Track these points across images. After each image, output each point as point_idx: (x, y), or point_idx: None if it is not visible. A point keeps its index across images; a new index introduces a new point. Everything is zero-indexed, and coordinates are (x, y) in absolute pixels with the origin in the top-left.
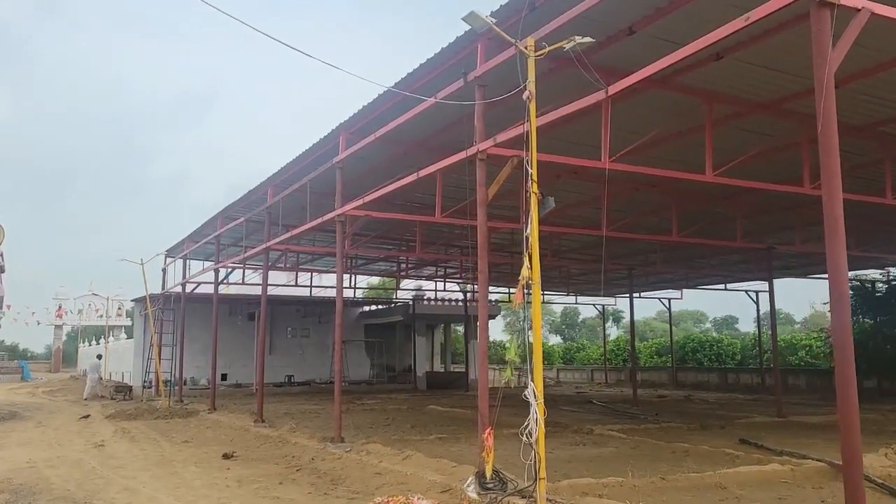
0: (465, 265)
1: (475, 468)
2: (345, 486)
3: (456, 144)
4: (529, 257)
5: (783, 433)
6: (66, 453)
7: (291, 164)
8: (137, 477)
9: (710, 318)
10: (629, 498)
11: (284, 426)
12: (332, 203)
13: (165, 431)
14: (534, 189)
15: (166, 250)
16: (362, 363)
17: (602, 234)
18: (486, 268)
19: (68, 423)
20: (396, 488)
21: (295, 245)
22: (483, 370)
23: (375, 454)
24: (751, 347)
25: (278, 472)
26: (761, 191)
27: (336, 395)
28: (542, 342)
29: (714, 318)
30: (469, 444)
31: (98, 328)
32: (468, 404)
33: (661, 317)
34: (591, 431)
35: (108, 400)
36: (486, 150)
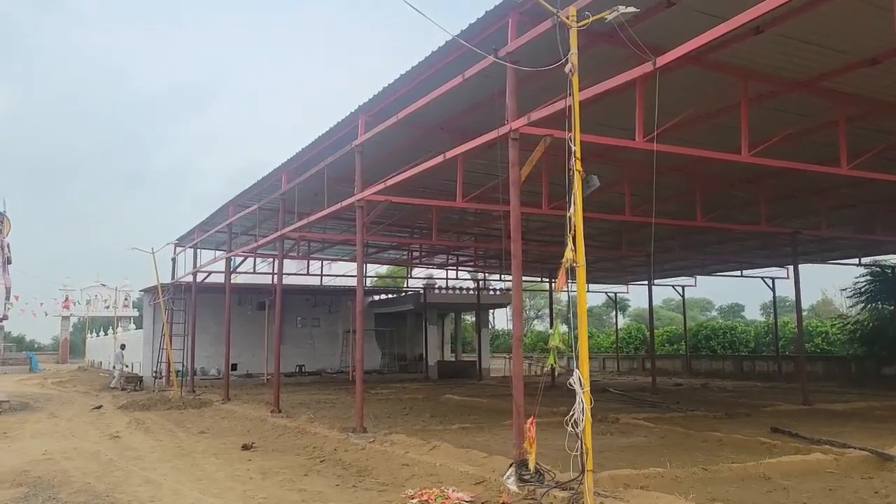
0: (479, 253)
1: (510, 459)
2: (372, 477)
3: (476, 127)
4: (573, 239)
5: (812, 421)
6: (81, 445)
7: (306, 149)
8: (157, 469)
9: (716, 306)
10: (671, 489)
11: (302, 416)
12: (346, 190)
13: (180, 422)
14: (577, 167)
15: (177, 239)
16: (373, 353)
17: (625, 218)
18: (520, 252)
19: (81, 413)
20: (427, 480)
21: (309, 232)
22: (518, 359)
23: (400, 445)
24: (764, 335)
25: (301, 463)
26: (787, 174)
27: (357, 384)
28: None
29: (720, 305)
30: (493, 434)
31: (105, 319)
32: (484, 393)
33: (667, 305)
34: (616, 420)
35: (118, 391)
36: (518, 129)
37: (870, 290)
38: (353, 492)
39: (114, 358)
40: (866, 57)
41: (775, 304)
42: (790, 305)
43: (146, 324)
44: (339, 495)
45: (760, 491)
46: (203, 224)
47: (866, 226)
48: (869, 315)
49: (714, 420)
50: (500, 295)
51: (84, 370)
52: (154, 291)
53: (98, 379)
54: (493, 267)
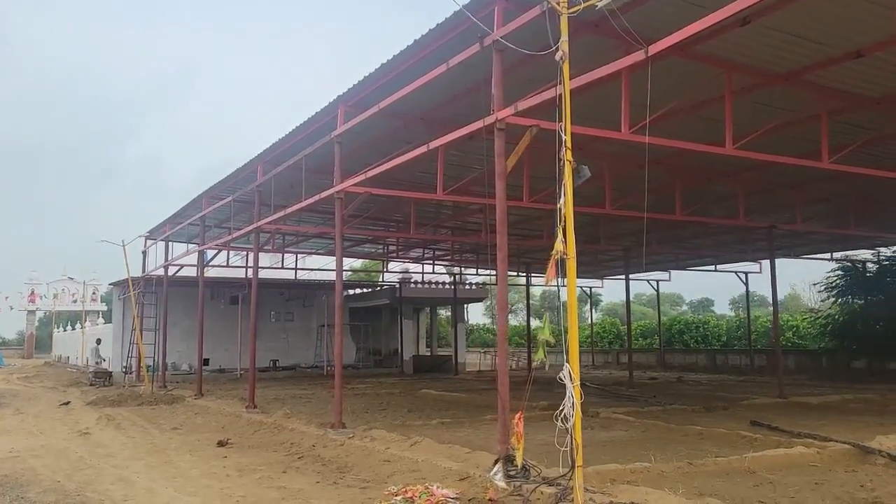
0: (455, 247)
1: (494, 455)
2: (353, 474)
3: (457, 118)
4: (563, 230)
5: (790, 414)
6: (50, 442)
7: (283, 140)
8: (130, 466)
9: (686, 301)
10: (658, 484)
11: (278, 412)
12: (323, 181)
13: (152, 418)
14: (568, 157)
15: (148, 231)
16: (347, 347)
17: (605, 211)
18: (506, 245)
19: (48, 410)
20: (409, 476)
21: (285, 225)
22: (502, 353)
23: (381, 440)
24: (735, 329)
25: (279, 459)
26: (765, 167)
27: (336, 379)
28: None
29: (691, 300)
30: (474, 428)
31: (72, 313)
32: (461, 388)
33: (637, 299)
34: (596, 415)
35: (86, 386)
36: (504, 119)
37: (841, 285)
38: (334, 489)
39: (90, 353)
40: (851, 50)
41: (748, 299)
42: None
43: (115, 318)
44: (319, 493)
45: (747, 485)
46: (175, 216)
47: (840, 220)
48: (840, 309)
49: (692, 414)
50: (475, 289)
51: (51, 365)
52: (124, 285)
53: (65, 374)
54: (470, 261)
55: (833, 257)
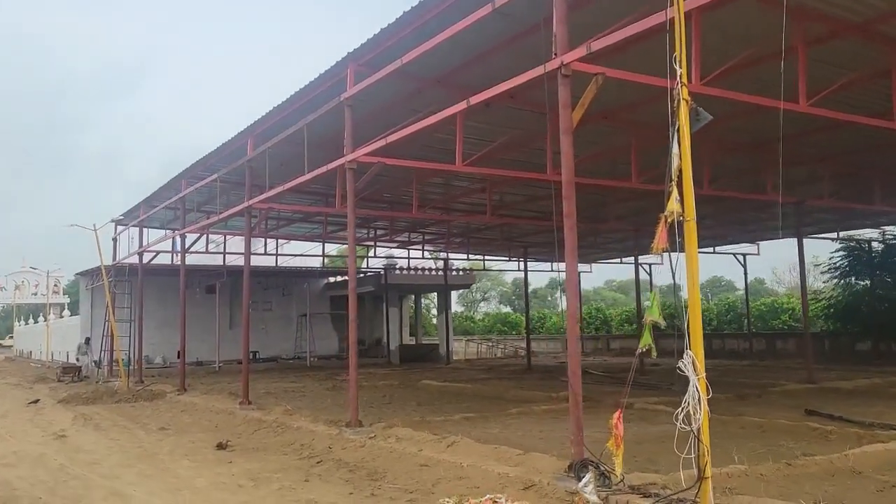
0: (453, 230)
1: (553, 457)
2: (389, 482)
3: (477, 82)
4: (679, 186)
5: (832, 401)
6: (22, 447)
7: (276, 110)
8: (121, 476)
9: (666, 285)
10: (765, 490)
11: (275, 408)
12: (323, 156)
13: (134, 417)
14: (684, 95)
15: (121, 215)
16: (329, 337)
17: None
18: (574, 212)
19: (16, 409)
20: (458, 485)
21: (280, 204)
22: (573, 339)
23: (409, 441)
24: (725, 313)
25: (294, 464)
26: (795, 139)
27: (351, 373)
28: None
29: (661, 286)
30: (503, 424)
31: (31, 306)
32: (460, 378)
33: (608, 285)
34: (631, 406)
35: (54, 382)
36: (570, 64)
37: (844, 266)
38: (374, 501)
39: (77, 351)
40: None
41: (746, 282)
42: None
43: (83, 309)
44: None
45: (867, 490)
46: (150, 199)
47: (864, 195)
48: (842, 291)
49: (729, 403)
50: (463, 275)
51: (11, 360)
52: (92, 274)
53: (30, 370)
54: (459, 246)
55: (839, 236)
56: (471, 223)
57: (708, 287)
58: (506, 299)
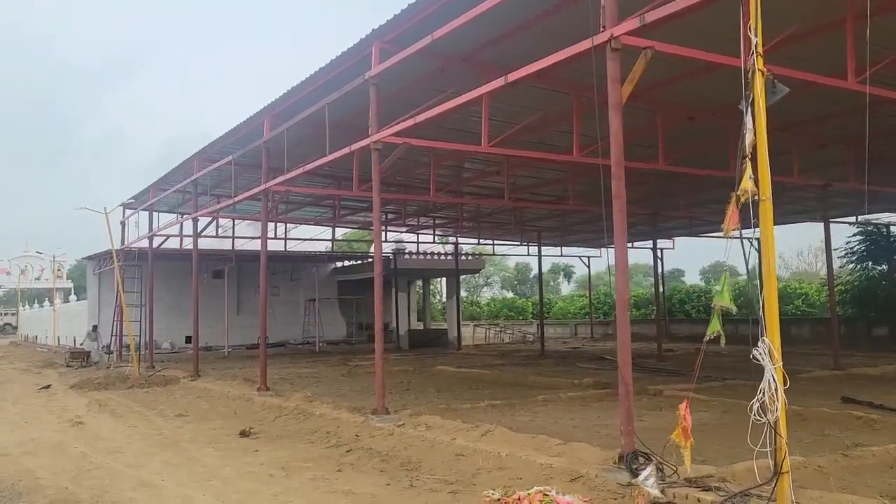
0: (464, 214)
1: (595, 446)
2: (426, 473)
3: (502, 60)
4: (753, 162)
5: (863, 388)
6: (40, 434)
7: (296, 89)
8: (146, 465)
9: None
10: (820, 482)
11: (294, 394)
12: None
13: (149, 403)
14: (759, 65)
15: (131, 198)
16: (337, 322)
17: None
18: (624, 193)
19: (27, 394)
20: (498, 475)
21: (298, 186)
22: (624, 323)
23: (439, 429)
24: (735, 298)
25: (323, 454)
26: (823, 121)
27: (377, 358)
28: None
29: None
30: (532, 412)
31: (34, 291)
32: (474, 363)
33: (610, 270)
34: (659, 393)
35: (63, 367)
36: (620, 38)
37: (861, 251)
38: (414, 494)
39: (86, 339)
40: None
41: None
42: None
43: (91, 294)
44: (399, 499)
45: None
46: (160, 182)
47: (887, 178)
48: (859, 276)
49: (756, 389)
50: (473, 260)
51: (17, 345)
52: (100, 259)
53: (36, 354)
54: (470, 230)
55: (857, 221)
56: (481, 207)
57: (710, 271)
58: (508, 284)
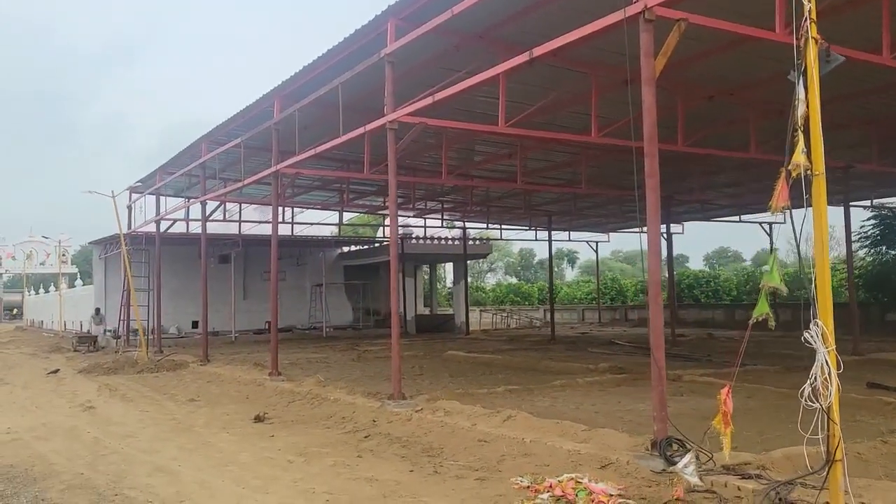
0: (474, 198)
1: (622, 432)
2: (450, 459)
3: (522, 38)
4: (805, 134)
5: (888, 373)
6: (51, 419)
7: (307, 69)
8: (161, 450)
9: (662, 257)
10: (861, 469)
11: (307, 379)
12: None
13: (160, 388)
14: (813, 32)
15: (139, 181)
16: (343, 307)
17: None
18: (657, 171)
19: (36, 379)
20: (524, 462)
21: (308, 169)
22: (657, 306)
23: (459, 414)
24: (744, 283)
25: (341, 439)
26: (845, 100)
27: (394, 342)
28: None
29: (665, 257)
30: (550, 397)
31: (38, 277)
32: (485, 348)
33: (614, 255)
34: (678, 378)
35: (70, 351)
36: (653, 9)
37: (875, 235)
38: (439, 480)
39: (91, 322)
40: None
41: (773, 251)
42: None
43: (97, 279)
44: (424, 487)
45: None
46: (167, 166)
47: None
48: (872, 260)
49: (778, 375)
50: (480, 245)
51: (23, 330)
52: (106, 243)
53: (43, 339)
54: (478, 214)
55: (873, 204)
56: (490, 191)
57: (714, 257)
58: (512, 270)
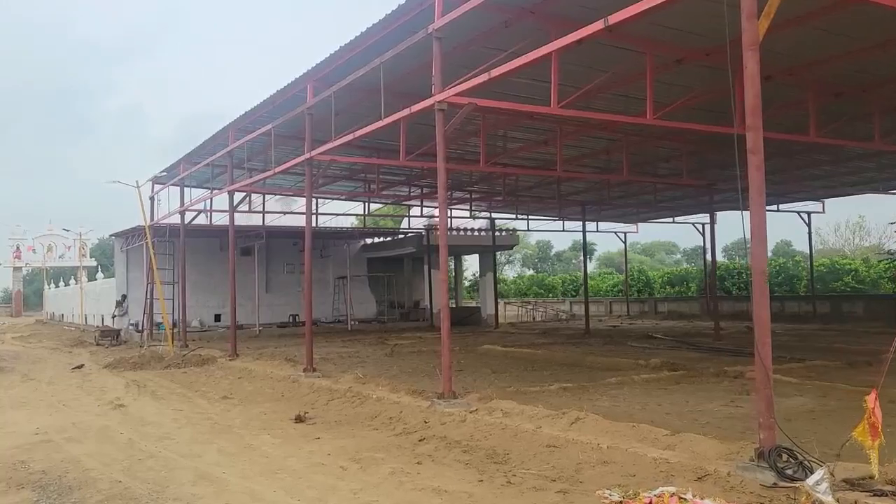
0: (507, 187)
1: (713, 436)
2: (521, 466)
3: (574, 13)
4: None
5: None
6: (81, 418)
7: (341, 50)
8: (202, 455)
9: (680, 249)
10: None
11: (345, 376)
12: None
13: (189, 384)
14: None
15: (164, 170)
16: (366, 300)
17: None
18: (761, 147)
19: (61, 375)
20: (606, 471)
21: (343, 156)
22: (762, 300)
23: (518, 416)
24: (775, 275)
25: (393, 442)
26: None
27: (444, 337)
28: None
29: (685, 248)
30: (608, 396)
31: (56, 270)
32: (519, 342)
33: (632, 248)
34: (741, 375)
35: (93, 346)
36: None
37: None
38: (516, 493)
39: (115, 309)
40: None
41: (811, 241)
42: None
43: (118, 272)
44: (501, 500)
45: None
46: (191, 156)
47: None
48: None
49: (840, 371)
50: (507, 236)
51: (43, 323)
52: (126, 236)
53: (64, 333)
54: (507, 205)
55: None
56: (520, 181)
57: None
58: (530, 262)
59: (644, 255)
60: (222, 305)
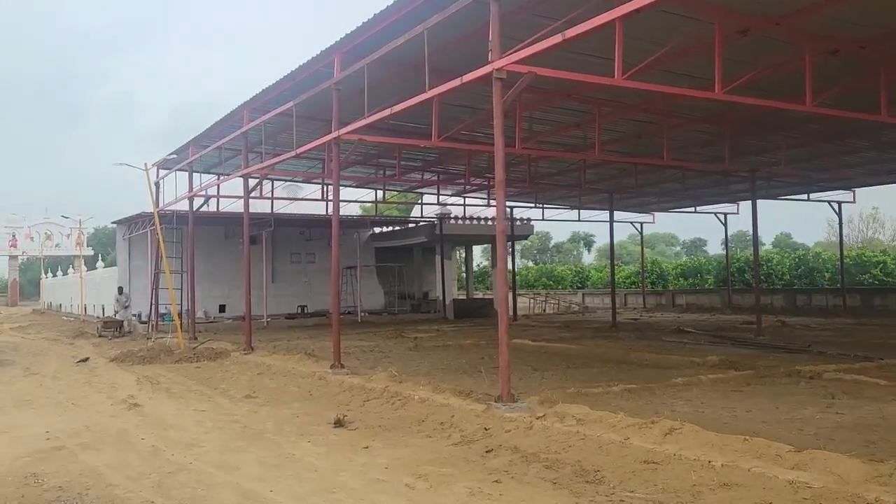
0: (533, 173)
1: (854, 455)
2: (621, 488)
3: None
4: None
5: None
6: (94, 419)
7: (374, 19)
8: (240, 467)
9: (680, 241)
10: None
11: (376, 373)
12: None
13: (206, 381)
14: None
15: (172, 153)
16: (374, 291)
17: None
18: None
19: (65, 369)
20: (730, 497)
21: (372, 136)
22: None
23: (596, 423)
24: (795, 266)
25: (454, 453)
26: None
27: (501, 334)
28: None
29: (683, 240)
30: (682, 399)
31: (54, 259)
32: (544, 335)
33: (631, 239)
34: (818, 376)
35: (95, 337)
36: None
37: None
38: None
39: (115, 304)
40: None
41: (841, 232)
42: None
43: (120, 260)
44: None
45: None
46: (200, 138)
47: None
48: None
49: None
50: (523, 226)
51: (41, 313)
52: (129, 223)
53: (64, 324)
54: (524, 193)
55: None
56: (540, 166)
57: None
58: (528, 254)
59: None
60: (227, 296)
